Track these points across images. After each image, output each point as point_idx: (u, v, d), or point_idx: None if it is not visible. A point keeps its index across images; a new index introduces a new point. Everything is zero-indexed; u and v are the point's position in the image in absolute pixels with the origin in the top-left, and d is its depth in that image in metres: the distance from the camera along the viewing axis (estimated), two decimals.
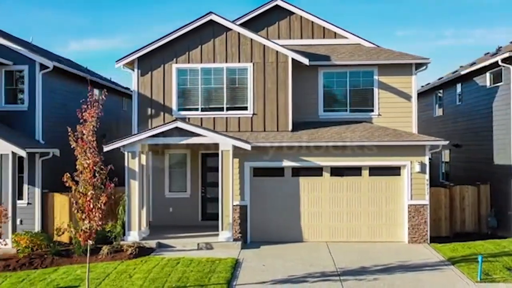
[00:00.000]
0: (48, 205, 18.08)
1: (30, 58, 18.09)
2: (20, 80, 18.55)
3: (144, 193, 17.81)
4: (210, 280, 13.33)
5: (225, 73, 18.45)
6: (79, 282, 13.42)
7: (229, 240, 16.87)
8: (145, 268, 14.48)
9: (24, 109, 18.22)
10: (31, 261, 15.12)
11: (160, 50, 18.45)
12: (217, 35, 18.46)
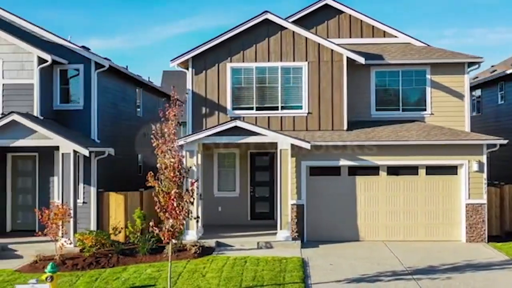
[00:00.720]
0: (103, 204, 18.08)
1: (85, 57, 18.08)
2: (73, 79, 18.54)
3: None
4: (285, 279, 13.34)
5: (280, 72, 18.45)
6: (154, 281, 13.43)
7: (287, 239, 16.87)
8: (214, 267, 14.50)
9: (80, 108, 18.22)
10: (97, 260, 15.14)
11: (214, 49, 18.45)
12: (271, 34, 18.46)
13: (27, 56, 17.09)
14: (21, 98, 17.07)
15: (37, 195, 18.20)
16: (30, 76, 17.13)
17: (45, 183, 18.13)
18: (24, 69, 17.13)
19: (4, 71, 17.15)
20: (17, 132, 16.26)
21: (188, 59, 18.49)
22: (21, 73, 17.15)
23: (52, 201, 17.81)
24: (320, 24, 20.53)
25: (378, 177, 17.71)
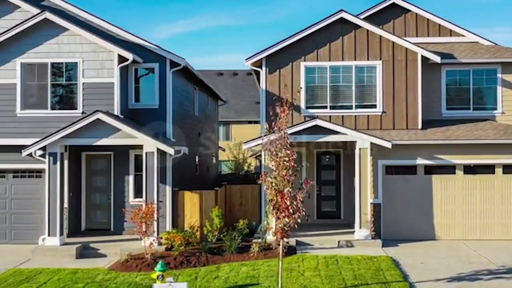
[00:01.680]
0: (178, 203, 18.07)
1: (161, 55, 18.05)
2: (144, 78, 18.53)
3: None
4: (386, 278, 13.35)
5: (354, 71, 18.45)
6: (255, 279, 13.44)
7: (367, 238, 16.88)
8: (308, 265, 14.51)
9: (155, 107, 18.20)
10: (187, 259, 15.14)
11: (287, 49, 18.45)
12: (345, 32, 18.46)
13: (107, 55, 17.07)
14: (101, 97, 17.05)
15: (112, 194, 18.17)
16: (110, 75, 17.11)
17: (120, 182, 18.12)
18: (104, 68, 17.11)
19: (84, 70, 17.13)
20: (101, 131, 16.27)
21: (262, 58, 18.49)
22: (101, 72, 17.13)
23: (134, 200, 17.93)
24: (386, 23, 20.52)
25: (454, 176, 17.70)
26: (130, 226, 17.88)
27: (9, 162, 17.71)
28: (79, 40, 17.11)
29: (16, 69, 17.20)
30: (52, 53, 17.16)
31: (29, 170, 17.92)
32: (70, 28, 17.05)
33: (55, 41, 17.15)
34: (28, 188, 17.93)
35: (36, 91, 17.31)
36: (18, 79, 17.21)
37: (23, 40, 17.15)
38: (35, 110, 17.27)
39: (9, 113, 17.27)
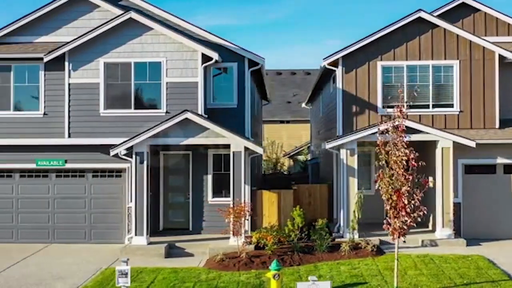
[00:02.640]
0: (256, 202, 18.09)
1: (240, 54, 18.07)
2: (220, 77, 18.56)
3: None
4: (491, 277, 13.36)
5: (431, 71, 18.46)
6: (360, 278, 13.46)
7: (450, 237, 16.89)
8: (405, 264, 14.52)
9: (233, 106, 18.23)
10: (281, 258, 15.14)
11: (364, 49, 18.46)
12: (422, 32, 18.47)
13: (191, 54, 17.08)
14: (184, 97, 17.07)
15: (190, 194, 18.17)
16: (194, 75, 17.12)
17: (198, 181, 18.12)
18: (188, 67, 17.12)
19: (168, 69, 17.14)
20: (188, 130, 16.31)
21: (338, 58, 18.51)
22: (185, 72, 17.13)
23: (212, 199, 17.93)
24: (455, 22, 20.45)
25: None
26: (209, 226, 18.01)
27: (89, 162, 17.75)
28: (162, 39, 17.11)
29: (99, 68, 17.21)
30: (135, 53, 17.17)
31: (109, 169, 17.94)
32: (154, 28, 17.06)
33: (138, 40, 17.16)
34: (108, 187, 17.96)
35: (119, 91, 17.31)
36: (101, 78, 17.22)
37: (106, 39, 17.16)
38: (118, 109, 17.29)
39: (92, 112, 17.29)
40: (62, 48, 17.02)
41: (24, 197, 18.09)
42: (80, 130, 17.32)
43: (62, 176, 18.06)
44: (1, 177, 18.18)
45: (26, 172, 18.10)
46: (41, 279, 13.90)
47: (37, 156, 17.79)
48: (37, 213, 18.03)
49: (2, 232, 18.07)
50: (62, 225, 18.00)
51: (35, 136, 17.57)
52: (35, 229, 18.02)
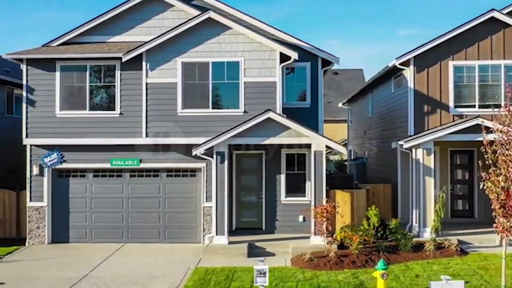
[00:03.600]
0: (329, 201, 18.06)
1: (313, 54, 18.08)
2: (289, 76, 18.56)
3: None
4: None
5: (503, 70, 18.45)
6: (459, 278, 13.43)
7: None
8: (499, 264, 14.50)
9: (307, 106, 18.24)
10: (369, 257, 15.16)
11: (435, 49, 18.41)
12: (494, 32, 18.46)
13: (269, 54, 17.07)
14: (261, 96, 17.06)
15: (263, 194, 18.17)
16: (272, 74, 17.10)
17: (271, 181, 18.11)
18: (265, 67, 17.12)
19: (246, 69, 17.14)
20: (270, 130, 16.32)
21: (410, 58, 18.51)
22: (263, 71, 17.12)
23: (285, 199, 17.94)
24: None
25: None
26: (282, 225, 18.03)
27: (163, 161, 17.76)
28: (241, 39, 17.11)
29: (176, 68, 17.21)
30: (213, 52, 17.17)
31: (183, 169, 17.95)
32: (233, 27, 17.06)
33: (216, 40, 17.16)
34: (182, 187, 17.97)
35: (196, 90, 17.30)
36: (178, 78, 17.22)
37: (183, 39, 17.15)
38: (195, 109, 17.28)
39: (170, 112, 17.29)
40: (140, 48, 17.02)
41: (97, 196, 18.11)
42: (158, 130, 17.31)
43: (136, 175, 18.07)
44: (75, 177, 18.20)
45: (100, 171, 18.12)
46: (136, 279, 13.90)
47: (112, 156, 17.81)
48: (110, 212, 18.05)
49: (75, 232, 18.09)
50: (136, 225, 18.01)
51: (111, 136, 17.58)
52: (108, 229, 18.04)
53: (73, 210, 18.12)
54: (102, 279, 13.99)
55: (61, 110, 17.71)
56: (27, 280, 13.92)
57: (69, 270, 14.84)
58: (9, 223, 19.89)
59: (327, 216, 15.83)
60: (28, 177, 18.07)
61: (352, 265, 14.70)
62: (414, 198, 18.08)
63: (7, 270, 14.93)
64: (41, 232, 17.95)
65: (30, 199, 18.03)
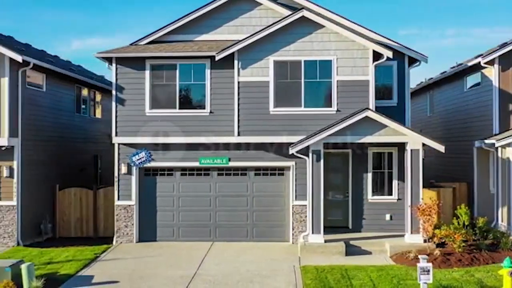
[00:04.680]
0: None
1: (400, 52, 18.08)
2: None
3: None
4: None
5: None
6: None
7: None
8: None
9: (393, 104, 18.25)
10: (473, 255, 15.17)
11: None
12: None
13: (362, 52, 17.06)
14: (354, 95, 17.06)
15: (349, 192, 18.17)
16: (364, 73, 17.09)
17: (358, 180, 18.11)
18: (357, 65, 17.11)
19: (338, 68, 17.14)
20: (366, 128, 16.30)
21: (495, 57, 18.50)
22: (355, 70, 17.12)
23: (372, 197, 17.96)
24: None
25: None
26: (369, 224, 18.04)
27: (252, 160, 17.78)
28: (333, 37, 17.12)
29: (268, 67, 17.22)
30: (305, 51, 17.17)
31: (271, 167, 17.97)
32: (325, 25, 17.06)
33: (308, 38, 17.16)
34: (270, 185, 17.99)
35: (288, 89, 17.30)
36: (270, 77, 17.22)
37: (276, 38, 17.15)
38: (287, 107, 17.28)
39: (262, 111, 17.29)
40: (233, 46, 17.02)
41: (184, 195, 18.13)
42: (249, 129, 17.32)
43: (224, 174, 18.09)
44: (162, 175, 18.22)
45: (187, 170, 18.13)
46: (248, 277, 13.90)
47: (200, 155, 17.83)
48: (198, 211, 18.07)
49: (162, 231, 18.10)
50: (223, 223, 18.03)
51: (200, 135, 17.60)
52: (195, 227, 18.06)
53: (160, 208, 18.14)
54: (214, 277, 14.00)
55: (151, 108, 17.72)
56: (140, 278, 13.93)
57: (176, 268, 14.86)
58: (86, 222, 19.99)
59: (428, 215, 15.81)
60: (116, 175, 18.07)
61: (459, 264, 14.70)
62: (500, 196, 18.08)
63: (113, 269, 14.94)
64: (129, 231, 17.96)
65: (118, 198, 18.03)
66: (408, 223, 16.49)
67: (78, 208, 20.07)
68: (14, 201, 17.71)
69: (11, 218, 17.70)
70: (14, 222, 17.72)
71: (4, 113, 17.36)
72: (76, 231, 19.98)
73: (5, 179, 17.70)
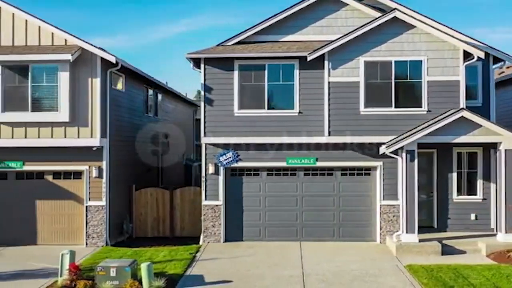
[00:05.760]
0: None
1: (486, 52, 18.10)
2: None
3: None
4: None
5: None
6: None
7: None
8: None
9: (478, 105, 18.30)
10: None
11: None
12: None
13: (452, 52, 17.10)
14: (445, 95, 17.11)
15: (434, 192, 18.24)
16: (454, 73, 17.11)
17: (443, 179, 18.17)
18: (447, 65, 17.17)
19: (429, 68, 17.20)
20: (461, 128, 16.37)
21: None
22: (446, 70, 17.17)
23: (457, 197, 18.03)
24: None
25: None
26: (454, 224, 18.14)
27: (338, 160, 17.89)
28: (424, 38, 17.16)
29: (359, 67, 17.28)
30: (395, 51, 17.23)
31: (358, 167, 18.05)
32: (417, 26, 17.12)
33: (398, 39, 17.23)
34: (357, 185, 18.08)
35: (378, 89, 17.36)
36: (361, 77, 17.28)
37: (366, 38, 17.20)
38: (377, 108, 17.34)
39: (352, 111, 17.35)
40: (325, 47, 17.07)
41: (271, 195, 18.21)
42: (339, 129, 17.37)
43: (310, 174, 18.17)
44: (248, 175, 18.30)
45: (274, 170, 18.21)
46: (359, 276, 13.96)
47: (287, 155, 17.92)
48: (284, 211, 18.16)
49: (249, 230, 18.18)
50: (310, 223, 18.11)
51: (288, 135, 17.68)
52: (282, 227, 18.14)
53: (246, 208, 18.22)
54: (324, 276, 14.04)
55: (239, 109, 17.81)
56: (251, 278, 13.97)
57: (279, 268, 14.90)
58: (163, 222, 20.10)
59: None
60: (202, 176, 18.15)
61: None
62: None
63: (217, 268, 14.96)
64: (216, 231, 18.04)
65: (205, 198, 18.11)
66: (502, 222, 16.54)
67: (155, 208, 20.19)
68: (103, 201, 17.80)
69: (100, 218, 17.79)
70: (103, 222, 17.80)
71: (96, 113, 17.46)
72: (152, 231, 20.11)
73: (93, 179, 17.79)
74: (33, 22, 17.65)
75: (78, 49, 17.20)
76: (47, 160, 17.76)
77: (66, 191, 18.00)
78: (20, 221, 17.99)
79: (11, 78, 17.40)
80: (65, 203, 18.06)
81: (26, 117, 17.33)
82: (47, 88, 17.40)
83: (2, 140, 17.49)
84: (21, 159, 17.77)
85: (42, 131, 17.45)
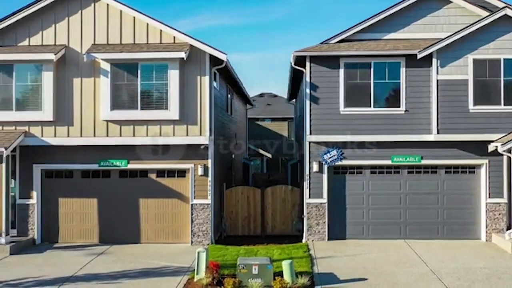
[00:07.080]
0: None
1: None
2: None
3: None
4: None
5: None
6: None
7: None
8: None
9: None
10: None
11: None
12: None
13: None
14: None
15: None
16: None
17: None
18: None
19: None
20: None
21: None
22: None
23: None
24: None
25: None
26: None
27: (443, 158, 17.86)
28: None
29: (467, 65, 17.27)
30: (504, 49, 17.22)
31: (462, 165, 18.04)
32: None
33: (508, 37, 17.20)
34: (461, 183, 18.06)
35: (486, 87, 17.35)
36: (469, 75, 17.27)
37: (475, 36, 17.20)
38: (486, 105, 17.33)
39: (461, 109, 17.35)
40: (435, 45, 17.08)
41: (374, 193, 18.20)
42: (448, 127, 17.36)
43: (414, 172, 18.16)
44: (351, 174, 18.30)
45: (377, 168, 18.21)
46: (494, 274, 13.91)
47: (392, 153, 17.92)
48: (388, 209, 18.15)
49: (352, 229, 18.18)
50: (414, 221, 18.10)
51: (394, 133, 17.67)
52: (385, 225, 18.13)
53: (350, 206, 18.22)
54: (456, 273, 13.98)
55: (345, 107, 17.81)
56: (382, 275, 13.91)
57: (403, 265, 14.85)
58: (254, 220, 20.10)
59: None
60: (306, 174, 18.15)
61: None
62: None
63: (343, 267, 14.87)
64: (321, 229, 18.05)
65: (309, 196, 18.11)
66: None
67: (245, 207, 20.18)
68: (208, 199, 17.80)
69: (206, 217, 17.79)
70: (209, 221, 17.81)
71: (204, 111, 17.48)
72: (243, 229, 20.10)
73: (199, 178, 17.79)
74: (141, 19, 17.61)
75: (188, 47, 17.20)
76: (151, 159, 17.77)
77: (170, 190, 18.01)
78: (124, 220, 18.01)
79: (120, 76, 17.42)
80: (169, 201, 18.07)
81: (136, 115, 17.35)
82: (156, 86, 17.41)
83: (109, 138, 17.51)
84: (126, 158, 17.79)
85: (150, 130, 17.47)
